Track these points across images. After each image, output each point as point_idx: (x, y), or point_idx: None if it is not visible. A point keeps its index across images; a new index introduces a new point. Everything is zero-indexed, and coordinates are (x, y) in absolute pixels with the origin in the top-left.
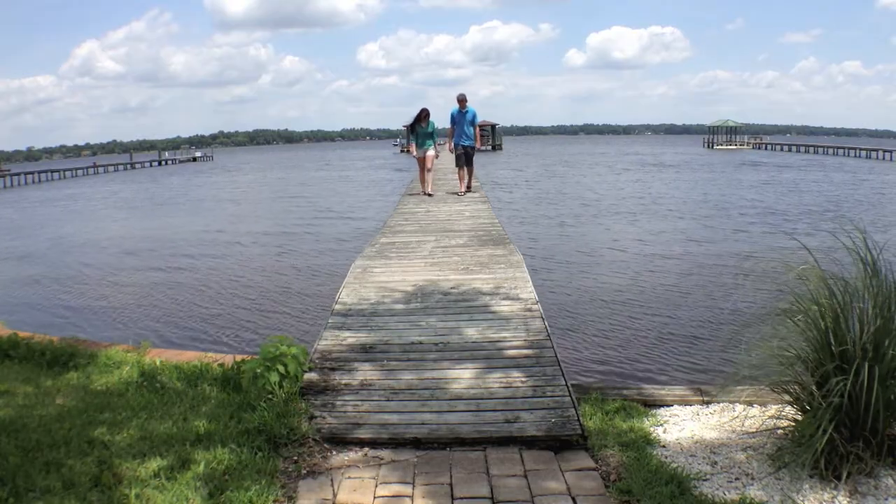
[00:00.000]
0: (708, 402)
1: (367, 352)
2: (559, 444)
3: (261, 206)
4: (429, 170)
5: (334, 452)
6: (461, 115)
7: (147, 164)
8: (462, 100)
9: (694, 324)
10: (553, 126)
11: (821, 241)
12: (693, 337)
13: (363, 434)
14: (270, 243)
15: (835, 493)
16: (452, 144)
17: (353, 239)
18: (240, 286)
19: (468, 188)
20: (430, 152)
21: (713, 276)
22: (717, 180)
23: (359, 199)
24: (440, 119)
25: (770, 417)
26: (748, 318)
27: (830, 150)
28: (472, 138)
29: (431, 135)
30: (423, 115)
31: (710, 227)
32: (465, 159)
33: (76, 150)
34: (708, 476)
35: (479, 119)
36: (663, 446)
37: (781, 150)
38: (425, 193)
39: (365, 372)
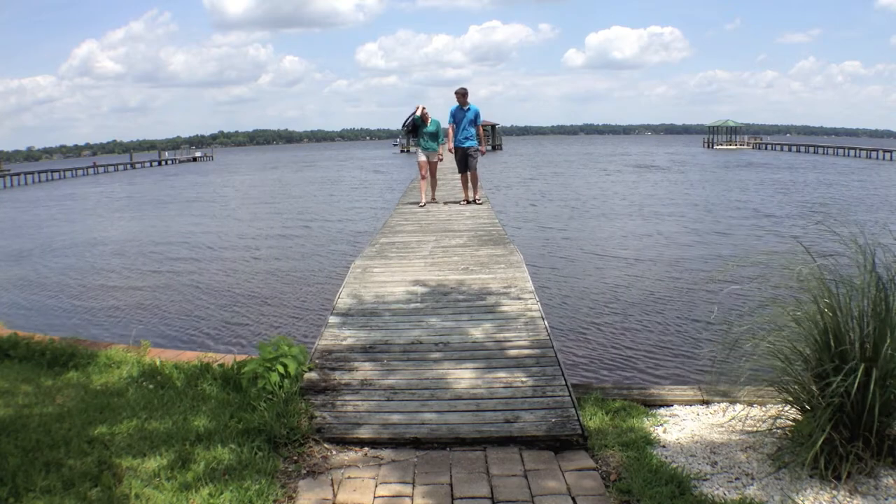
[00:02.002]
0: (708, 402)
1: (367, 351)
2: (559, 443)
3: (256, 207)
4: (432, 175)
5: (334, 452)
6: (462, 113)
7: (147, 164)
8: (462, 94)
9: (693, 323)
10: (553, 126)
11: (818, 242)
12: (693, 336)
13: (363, 434)
14: (268, 243)
15: (835, 493)
16: (452, 145)
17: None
18: (240, 286)
19: (475, 200)
20: (434, 157)
21: (712, 276)
22: (715, 181)
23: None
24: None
25: (770, 417)
26: (748, 317)
27: (830, 150)
28: (474, 139)
29: (436, 135)
30: (424, 115)
31: (708, 228)
32: (468, 162)
33: (76, 150)
34: (708, 476)
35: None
36: (663, 446)
37: (781, 149)
38: (425, 203)
39: (365, 371)
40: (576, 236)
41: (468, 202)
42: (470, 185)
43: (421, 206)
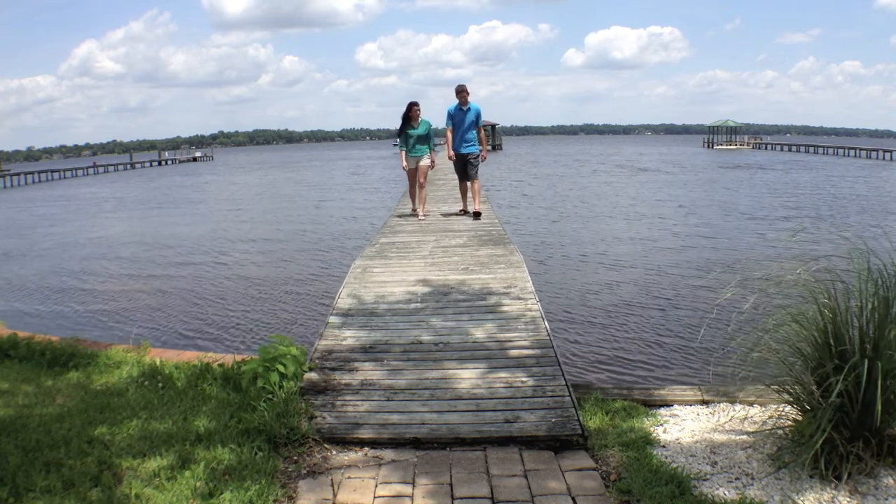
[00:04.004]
0: (708, 402)
1: (367, 351)
2: (559, 443)
3: (251, 208)
4: (421, 185)
5: (334, 452)
6: (461, 113)
7: (147, 164)
8: (463, 92)
9: (693, 323)
10: (553, 126)
11: (818, 242)
12: (693, 337)
13: (363, 434)
14: (268, 244)
15: (835, 493)
16: (451, 150)
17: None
18: (239, 286)
19: (476, 212)
20: (424, 161)
21: (712, 276)
22: (715, 182)
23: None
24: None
25: (770, 417)
26: (748, 317)
27: (830, 150)
28: (475, 143)
29: (426, 138)
30: (414, 113)
31: (707, 229)
32: (468, 170)
33: (76, 150)
34: (708, 476)
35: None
36: (663, 446)
37: (781, 149)
38: (414, 213)
39: (365, 372)
40: (572, 237)
41: (465, 212)
42: (470, 195)
43: (413, 215)
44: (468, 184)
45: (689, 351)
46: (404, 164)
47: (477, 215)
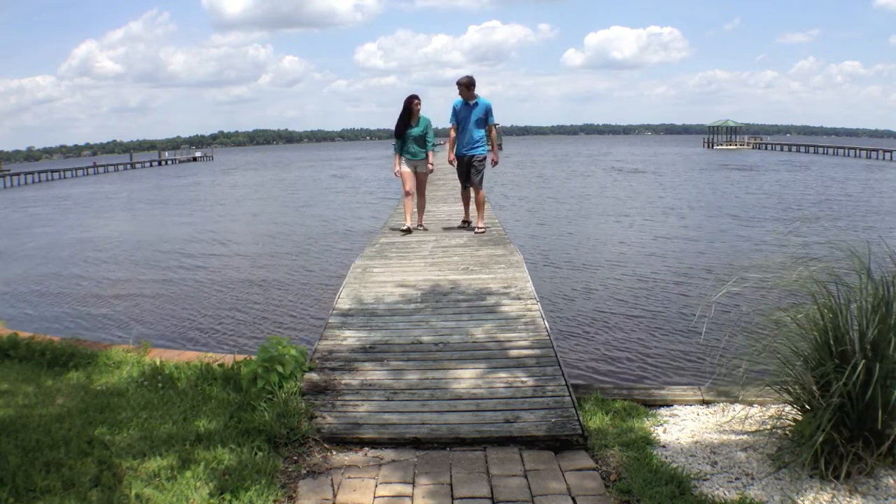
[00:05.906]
0: (708, 402)
1: (367, 352)
2: (559, 443)
3: (249, 207)
4: (421, 193)
5: (334, 452)
6: (467, 109)
7: (147, 164)
8: (467, 85)
9: (694, 324)
10: (553, 126)
11: (818, 242)
12: (693, 337)
13: (363, 434)
14: (265, 243)
15: (835, 492)
16: (453, 153)
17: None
18: (239, 286)
19: (478, 227)
20: (422, 167)
21: (712, 276)
22: (713, 182)
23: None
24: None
25: (770, 417)
26: (748, 317)
27: (830, 150)
28: (482, 144)
29: (424, 139)
30: (415, 108)
31: (706, 229)
32: (471, 175)
33: (76, 150)
34: (708, 476)
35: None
36: (663, 446)
37: (781, 149)
38: (409, 229)
39: (365, 372)
40: (568, 238)
41: (468, 223)
42: (473, 205)
43: (404, 232)
44: (470, 191)
45: (689, 351)
46: (397, 168)
47: (477, 229)
